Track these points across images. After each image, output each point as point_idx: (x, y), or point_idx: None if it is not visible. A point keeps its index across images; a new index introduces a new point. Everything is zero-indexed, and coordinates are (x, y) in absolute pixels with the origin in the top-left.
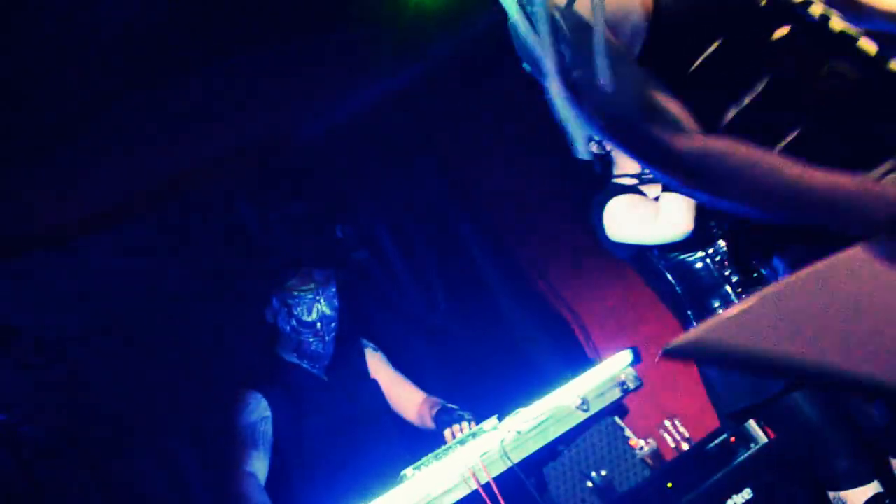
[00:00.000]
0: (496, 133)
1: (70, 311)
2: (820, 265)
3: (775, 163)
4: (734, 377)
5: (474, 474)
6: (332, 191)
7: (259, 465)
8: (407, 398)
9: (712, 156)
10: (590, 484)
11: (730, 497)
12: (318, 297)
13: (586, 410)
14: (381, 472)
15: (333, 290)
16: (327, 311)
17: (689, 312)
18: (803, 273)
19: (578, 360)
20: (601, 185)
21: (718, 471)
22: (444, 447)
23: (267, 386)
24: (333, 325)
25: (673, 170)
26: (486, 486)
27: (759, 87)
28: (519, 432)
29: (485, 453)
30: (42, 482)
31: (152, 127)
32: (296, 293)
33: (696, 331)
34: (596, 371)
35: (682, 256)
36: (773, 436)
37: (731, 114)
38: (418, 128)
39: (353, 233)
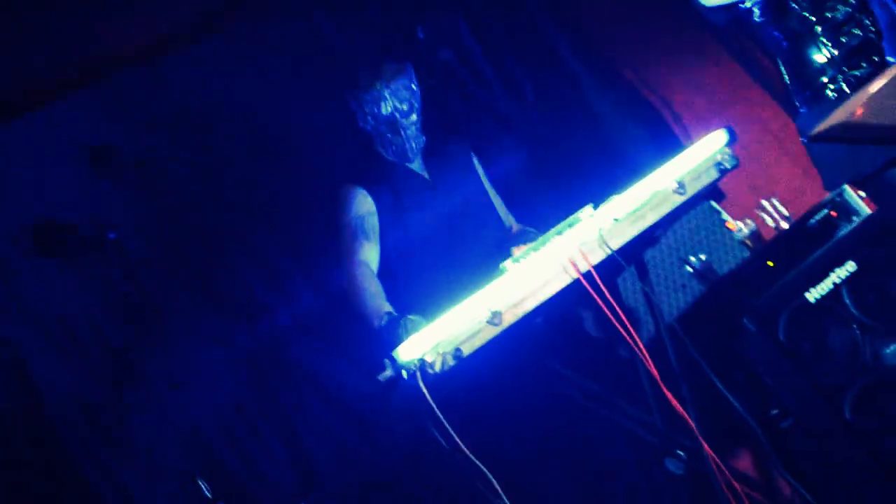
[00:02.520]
0: None
1: (161, 129)
2: None
3: None
4: (841, 152)
5: (574, 263)
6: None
7: (371, 255)
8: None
9: None
10: (689, 268)
11: (832, 270)
12: (384, 91)
13: (683, 193)
14: (482, 272)
15: (406, 81)
16: (399, 105)
17: (791, 85)
18: None
19: (671, 144)
20: None
21: (820, 246)
22: (541, 238)
23: (370, 183)
24: (414, 117)
25: None
26: (587, 275)
27: None
28: (616, 219)
29: (583, 242)
30: (151, 292)
31: None
32: (362, 91)
33: (839, 113)
34: (691, 152)
35: (785, 20)
36: (875, 209)
37: None
38: None
39: (434, 32)
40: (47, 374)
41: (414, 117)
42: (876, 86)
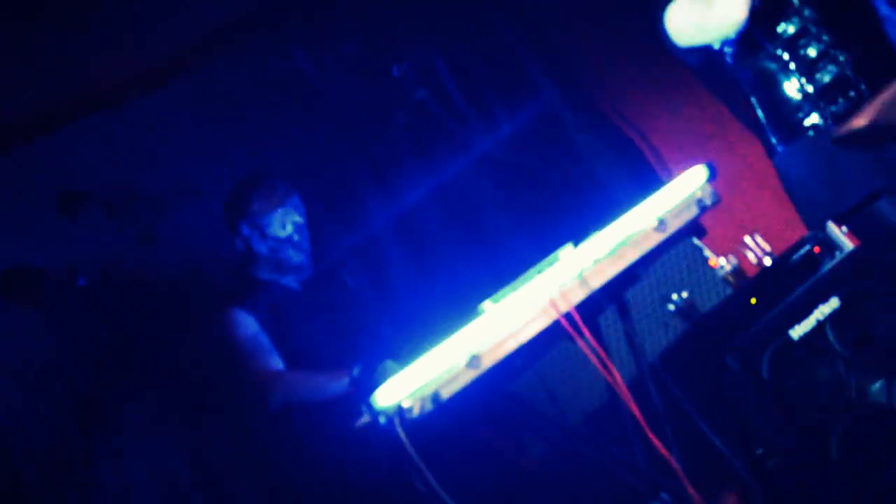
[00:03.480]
0: None
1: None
2: None
3: None
4: (818, 188)
5: (554, 303)
6: (388, 29)
7: (277, 365)
8: None
9: None
10: (671, 306)
11: (816, 307)
12: (287, 209)
13: (663, 231)
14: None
15: (297, 197)
16: (298, 220)
17: (766, 123)
18: None
19: (652, 181)
20: None
21: (804, 282)
22: (520, 278)
23: (250, 304)
24: (305, 231)
25: None
26: (567, 315)
27: None
28: (596, 258)
29: (563, 282)
30: (121, 338)
31: None
32: (264, 213)
33: (863, 117)
34: (671, 189)
35: (758, 62)
36: (858, 243)
37: None
38: None
39: (411, 70)
40: (14, 420)
41: (306, 231)
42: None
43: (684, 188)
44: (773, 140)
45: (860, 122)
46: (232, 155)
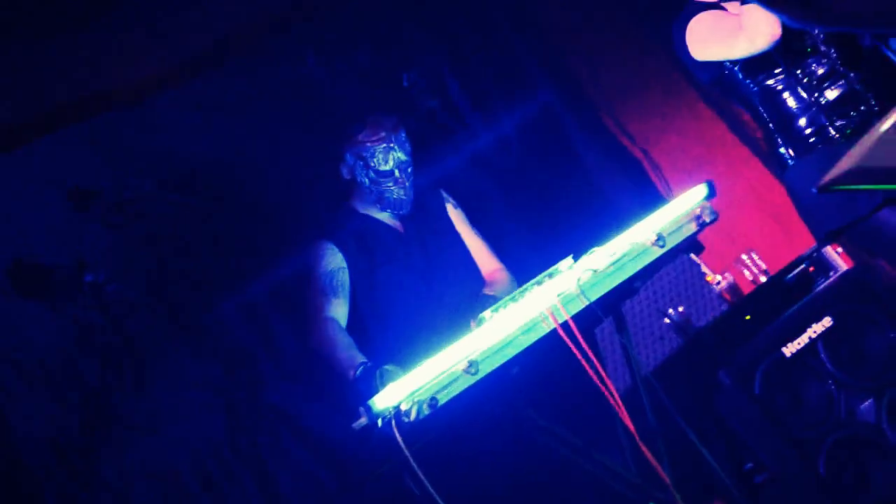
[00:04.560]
0: None
1: (146, 169)
2: None
3: None
4: (828, 200)
5: (552, 314)
6: (399, 38)
7: (339, 312)
8: (482, 262)
9: None
10: (667, 320)
11: (809, 326)
12: (391, 145)
13: (662, 246)
14: (456, 322)
15: (403, 134)
16: (402, 157)
17: (777, 138)
18: None
19: (652, 197)
20: (680, 7)
21: (797, 301)
22: (520, 289)
23: (342, 238)
24: (410, 169)
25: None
26: (565, 325)
27: None
28: (595, 271)
29: (562, 293)
30: (132, 337)
31: None
32: (369, 144)
33: (847, 160)
34: (671, 206)
35: (769, 78)
36: (852, 264)
37: None
38: None
39: (421, 80)
40: (21, 414)
41: (410, 169)
42: (886, 124)
43: (684, 205)
44: (785, 155)
45: (844, 166)
46: (239, 159)
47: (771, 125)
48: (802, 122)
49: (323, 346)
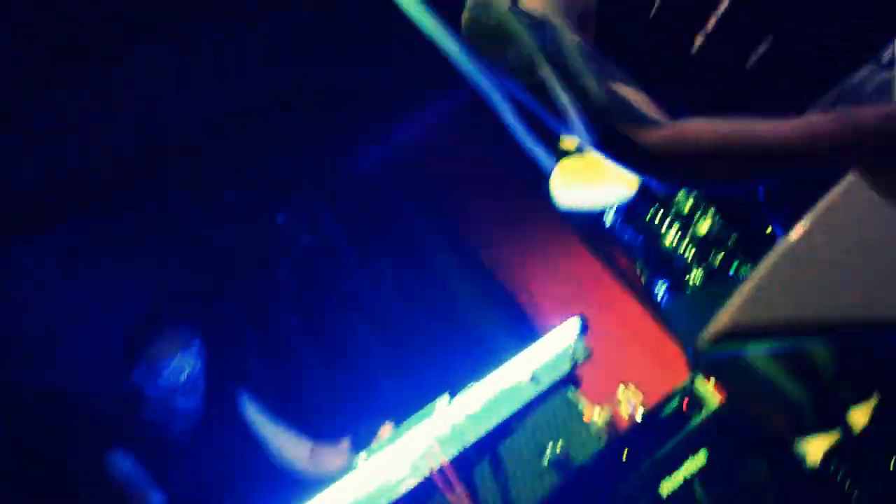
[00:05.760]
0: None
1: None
2: (818, 210)
3: (746, 128)
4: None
5: (428, 457)
6: (273, 176)
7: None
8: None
9: (683, 142)
10: (545, 461)
11: (686, 459)
12: (184, 357)
13: (537, 384)
14: None
15: (198, 340)
16: (196, 366)
17: (651, 275)
18: (805, 224)
19: (527, 330)
20: (547, 151)
21: (673, 436)
22: (396, 430)
23: (127, 448)
24: (202, 378)
25: (643, 166)
26: (441, 470)
27: (722, 7)
28: (471, 410)
29: (438, 435)
30: None
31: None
32: (163, 358)
33: (719, 321)
34: (544, 343)
35: (638, 218)
36: (724, 397)
37: (699, 41)
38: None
39: (295, 217)
40: None
41: (202, 378)
42: (761, 271)
43: (558, 342)
44: (655, 295)
45: (723, 322)
46: (116, 299)
47: (642, 264)
48: (673, 261)
49: None
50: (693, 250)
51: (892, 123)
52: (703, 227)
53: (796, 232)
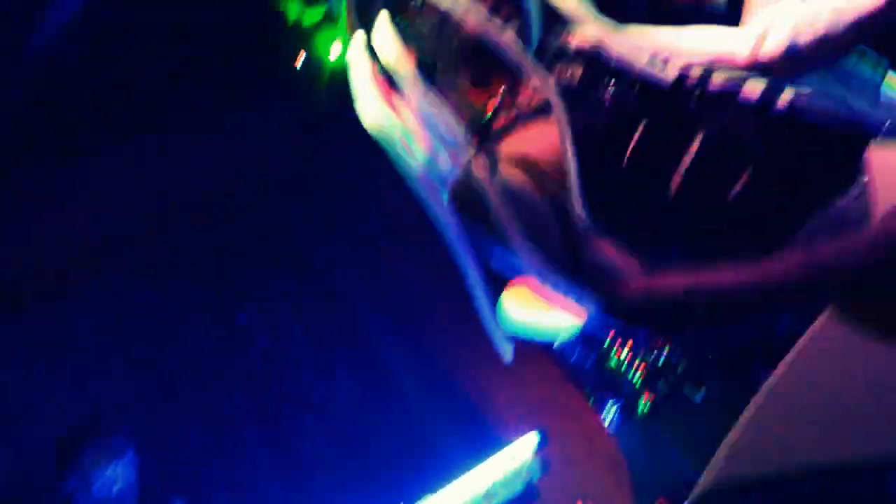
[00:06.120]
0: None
1: None
2: (792, 355)
3: (714, 280)
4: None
5: None
6: (235, 275)
7: None
8: None
9: (656, 296)
10: None
11: None
12: (117, 468)
13: (494, 498)
14: None
15: (132, 451)
16: (129, 477)
17: (605, 398)
18: (782, 370)
19: (486, 441)
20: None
21: None
22: None
23: None
24: (136, 490)
25: (618, 315)
26: None
27: (696, 146)
28: None
29: None
30: None
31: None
32: (94, 468)
33: (701, 486)
34: (502, 456)
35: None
36: None
37: (677, 181)
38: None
39: (256, 318)
40: None
41: (136, 492)
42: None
43: (515, 457)
44: (606, 417)
45: (708, 481)
46: (66, 397)
47: (590, 391)
48: (624, 388)
49: None
50: (642, 376)
51: (851, 258)
52: (652, 359)
53: (770, 382)
